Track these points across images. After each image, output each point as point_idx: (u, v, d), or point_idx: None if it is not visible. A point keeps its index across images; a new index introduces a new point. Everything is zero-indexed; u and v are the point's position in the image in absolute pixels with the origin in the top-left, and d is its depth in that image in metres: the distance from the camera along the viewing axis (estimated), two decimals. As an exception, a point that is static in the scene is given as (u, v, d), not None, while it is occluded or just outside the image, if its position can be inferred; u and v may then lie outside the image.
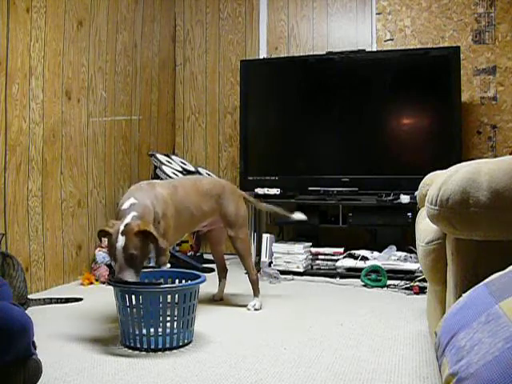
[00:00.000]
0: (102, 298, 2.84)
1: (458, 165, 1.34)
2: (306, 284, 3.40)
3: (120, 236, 2.11)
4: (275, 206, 3.07)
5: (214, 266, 3.84)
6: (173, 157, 4.11)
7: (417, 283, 3.14)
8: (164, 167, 3.69)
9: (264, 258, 3.77)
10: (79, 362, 1.93)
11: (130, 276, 2.09)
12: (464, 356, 0.87)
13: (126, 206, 2.27)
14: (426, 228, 1.72)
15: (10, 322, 1.45)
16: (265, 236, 3.84)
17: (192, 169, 4.05)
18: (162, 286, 2.14)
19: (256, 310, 2.70)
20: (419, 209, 2.24)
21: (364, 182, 3.75)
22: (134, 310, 2.04)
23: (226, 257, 4.32)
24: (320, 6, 4.31)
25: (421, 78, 3.79)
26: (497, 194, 1.19)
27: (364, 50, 3.96)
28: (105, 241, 2.35)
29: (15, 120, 2.89)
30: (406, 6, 4.08)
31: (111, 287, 2.12)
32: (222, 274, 3.00)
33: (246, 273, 2.89)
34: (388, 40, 4.12)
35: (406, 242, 3.50)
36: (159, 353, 2.04)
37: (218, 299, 2.92)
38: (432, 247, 1.64)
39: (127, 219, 2.17)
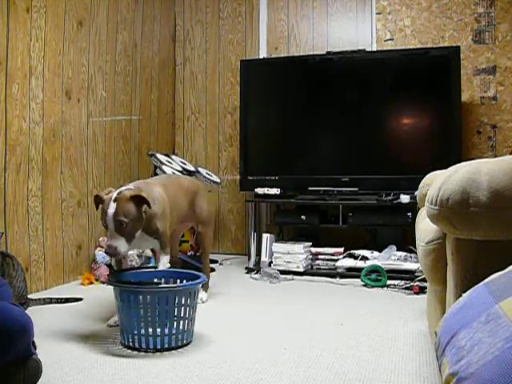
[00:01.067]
0: (101, 298, 2.84)
1: (458, 165, 1.34)
2: (306, 284, 3.40)
3: (112, 203, 2.13)
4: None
5: (214, 265, 3.85)
6: (173, 157, 4.11)
7: (417, 283, 3.14)
8: (164, 167, 3.69)
9: (264, 258, 3.77)
10: (79, 361, 1.93)
11: (119, 244, 2.10)
12: (464, 356, 0.87)
13: (128, 186, 2.33)
14: (426, 228, 1.72)
15: (10, 322, 1.45)
16: (265, 236, 3.84)
17: (192, 169, 4.05)
18: (161, 286, 2.14)
19: (203, 302, 2.77)
20: (419, 209, 2.24)
21: (364, 182, 3.75)
22: (134, 310, 2.04)
23: (226, 257, 4.32)
24: (320, 6, 4.31)
25: (421, 77, 3.78)
26: (497, 194, 1.19)
27: (364, 50, 3.96)
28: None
29: (15, 120, 2.89)
30: (406, 6, 4.08)
31: (111, 287, 2.12)
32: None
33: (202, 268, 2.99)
34: (388, 40, 4.12)
35: (406, 242, 3.50)
36: (159, 353, 2.04)
37: None
38: (432, 247, 1.64)
39: (121, 189, 2.23)
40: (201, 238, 2.93)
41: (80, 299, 2.85)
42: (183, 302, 2.09)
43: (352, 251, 3.62)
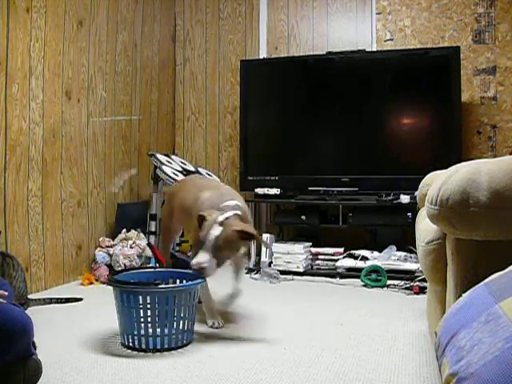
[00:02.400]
0: (101, 298, 2.84)
1: (458, 165, 1.34)
2: (306, 284, 3.40)
3: (217, 225, 2.11)
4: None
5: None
6: (173, 157, 4.11)
7: (417, 283, 3.14)
8: (164, 167, 3.69)
9: (264, 258, 3.77)
10: (79, 362, 1.93)
11: (210, 262, 2.07)
12: (464, 356, 0.87)
13: (228, 203, 2.27)
14: (426, 228, 1.72)
15: (11, 323, 1.45)
16: (265, 236, 3.84)
17: (192, 169, 4.05)
18: (161, 286, 2.13)
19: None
20: (419, 209, 2.24)
21: (364, 182, 3.75)
22: (134, 310, 2.04)
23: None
24: (320, 6, 4.31)
25: (421, 78, 3.78)
26: (497, 194, 1.19)
27: (364, 50, 3.96)
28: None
29: (15, 120, 2.89)
30: (406, 6, 4.08)
31: (111, 287, 2.12)
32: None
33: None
34: (388, 40, 4.12)
35: (406, 242, 3.49)
36: (159, 353, 2.04)
37: None
38: (432, 247, 1.64)
39: (228, 213, 2.17)
40: None
41: (80, 299, 2.85)
42: (183, 302, 2.09)
43: (352, 251, 3.62)
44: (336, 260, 3.61)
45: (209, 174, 4.13)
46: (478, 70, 3.90)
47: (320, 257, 3.69)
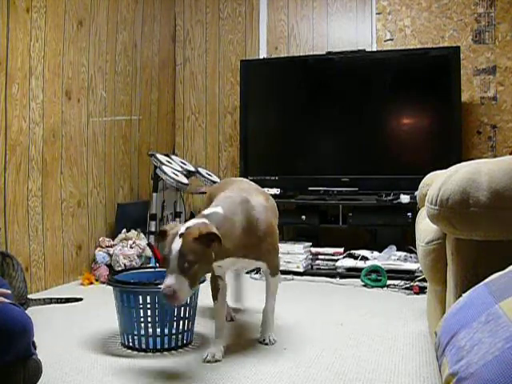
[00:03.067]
0: (101, 298, 2.84)
1: (458, 165, 1.34)
2: (306, 284, 3.40)
3: (177, 238, 1.76)
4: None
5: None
6: (173, 157, 4.11)
7: (417, 283, 3.14)
8: (164, 167, 3.69)
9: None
10: (79, 361, 1.93)
11: (181, 285, 1.70)
12: (464, 356, 0.87)
13: (206, 211, 1.94)
14: (426, 228, 1.72)
15: (11, 323, 1.45)
16: (265, 236, 3.83)
17: (192, 169, 4.05)
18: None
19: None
20: (419, 209, 2.24)
21: (364, 182, 3.75)
22: (134, 310, 2.04)
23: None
24: (320, 6, 4.31)
25: (421, 77, 3.78)
26: (497, 194, 1.19)
27: (364, 50, 3.96)
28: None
29: (15, 120, 2.89)
30: (406, 6, 4.07)
31: (111, 287, 2.12)
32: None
33: None
34: (388, 40, 4.12)
35: (406, 242, 3.49)
36: (159, 353, 2.04)
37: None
38: (432, 247, 1.64)
39: (191, 223, 1.83)
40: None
41: (80, 299, 2.85)
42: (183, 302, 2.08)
43: (352, 251, 3.62)
44: (336, 260, 3.61)
45: (209, 174, 4.13)
46: (477, 70, 3.89)
47: (320, 257, 3.69)
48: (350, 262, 3.54)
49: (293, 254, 3.61)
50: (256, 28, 4.47)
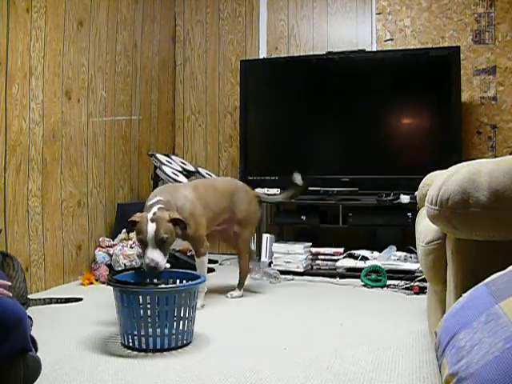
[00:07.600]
0: (101, 298, 2.84)
1: (458, 165, 1.34)
2: (306, 284, 3.40)
3: (150, 223, 2.32)
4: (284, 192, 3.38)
5: (214, 265, 3.85)
6: (173, 157, 4.11)
7: (417, 283, 3.14)
8: (164, 167, 3.69)
9: (264, 258, 3.77)
10: (79, 361, 1.93)
11: (160, 257, 2.30)
12: (464, 356, 0.87)
13: (151, 202, 2.52)
14: (426, 228, 1.72)
15: (3, 314, 1.45)
16: (265, 236, 3.84)
17: (192, 169, 4.05)
18: (161, 286, 2.13)
19: (233, 297, 2.93)
20: (419, 209, 2.24)
21: (364, 182, 3.75)
22: (134, 310, 2.04)
23: (226, 257, 4.30)
24: (320, 6, 4.31)
25: (421, 78, 3.79)
26: (497, 194, 1.19)
27: (364, 50, 3.96)
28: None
29: (15, 120, 2.89)
30: (406, 6, 4.08)
31: (111, 287, 2.12)
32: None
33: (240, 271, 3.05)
34: (388, 40, 4.12)
35: (406, 242, 3.49)
36: (159, 353, 2.04)
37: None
38: (432, 247, 1.64)
39: (154, 210, 2.41)
40: (235, 239, 3.01)
41: (80, 299, 2.85)
42: (183, 302, 2.09)
43: (352, 251, 3.62)
44: (336, 260, 3.61)
45: (209, 174, 4.13)
46: (477, 70, 3.90)
47: (320, 257, 3.68)
48: (349, 262, 3.54)
49: (293, 253, 3.61)
50: (256, 28, 4.47)
